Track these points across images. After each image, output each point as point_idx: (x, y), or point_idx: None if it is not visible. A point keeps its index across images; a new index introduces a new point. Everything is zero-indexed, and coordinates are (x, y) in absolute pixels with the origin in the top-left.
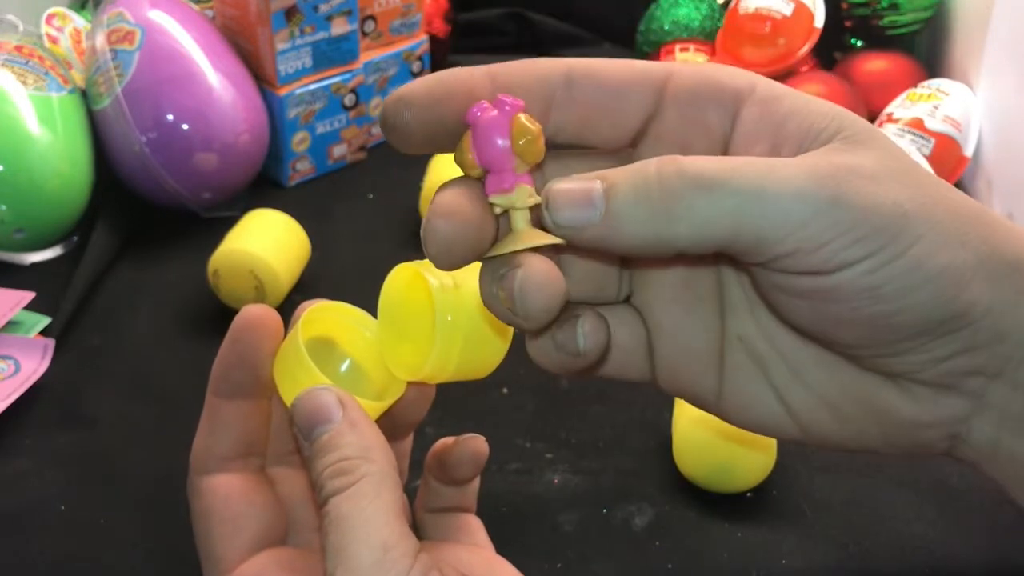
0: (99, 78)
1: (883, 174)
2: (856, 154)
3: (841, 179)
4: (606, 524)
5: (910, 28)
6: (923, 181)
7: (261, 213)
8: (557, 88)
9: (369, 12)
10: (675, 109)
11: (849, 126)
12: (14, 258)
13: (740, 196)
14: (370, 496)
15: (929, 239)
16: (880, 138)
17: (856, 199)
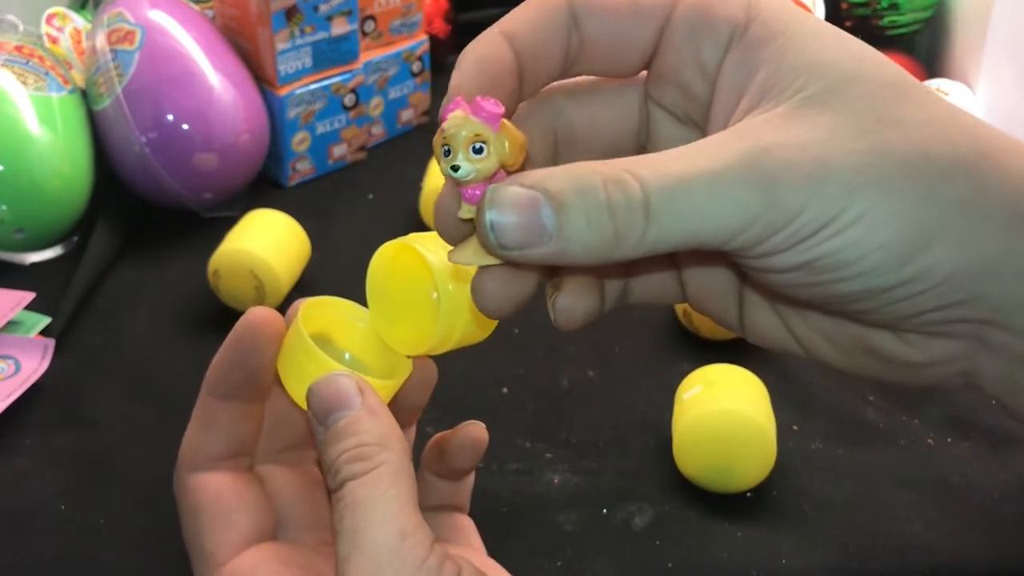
0: (99, 78)
1: (828, 144)
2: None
3: (775, 173)
4: (606, 524)
5: (910, 28)
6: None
7: (261, 213)
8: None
9: (369, 12)
10: (673, 44)
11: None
12: (14, 258)
13: (684, 219)
14: (388, 483)
15: (874, 214)
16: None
17: (789, 193)
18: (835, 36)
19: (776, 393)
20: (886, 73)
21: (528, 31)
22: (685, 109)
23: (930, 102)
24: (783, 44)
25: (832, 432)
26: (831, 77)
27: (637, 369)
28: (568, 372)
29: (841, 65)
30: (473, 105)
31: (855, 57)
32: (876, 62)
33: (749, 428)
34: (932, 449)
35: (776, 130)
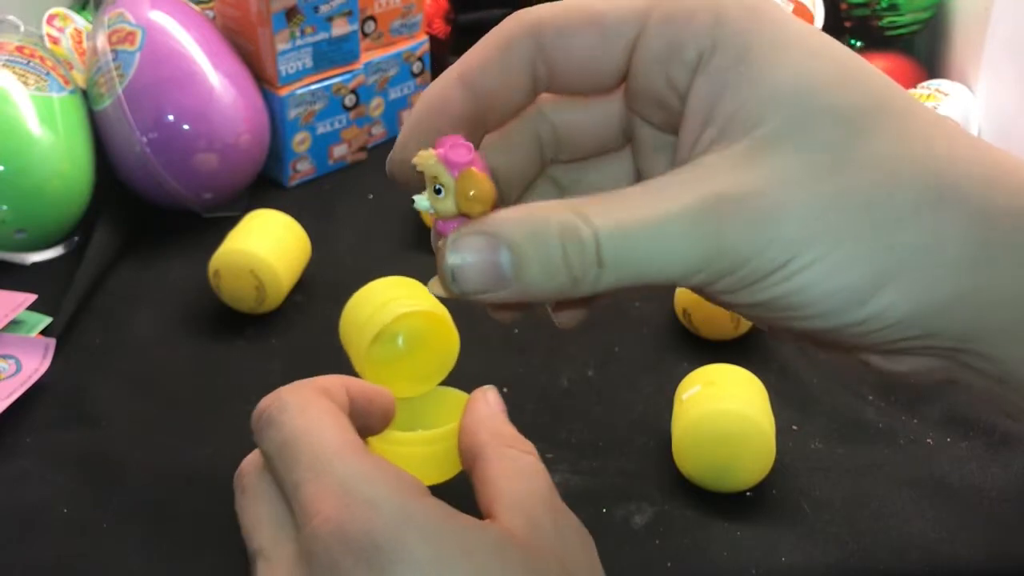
0: (100, 78)
1: (780, 190)
2: (757, 166)
3: (723, 223)
4: (606, 523)
5: (909, 29)
6: (841, 182)
7: (262, 213)
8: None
9: (369, 13)
10: (643, 66)
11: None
12: (15, 258)
13: (634, 266)
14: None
15: (825, 261)
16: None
17: (737, 243)
18: (803, 53)
19: (776, 393)
20: (856, 96)
21: (486, 71)
22: (663, 120)
23: (902, 129)
24: (745, 71)
25: (832, 432)
26: (789, 112)
27: (637, 369)
28: (568, 372)
29: (802, 95)
30: (445, 149)
31: (820, 82)
32: (845, 84)
33: (748, 428)
34: (932, 449)
35: (729, 174)
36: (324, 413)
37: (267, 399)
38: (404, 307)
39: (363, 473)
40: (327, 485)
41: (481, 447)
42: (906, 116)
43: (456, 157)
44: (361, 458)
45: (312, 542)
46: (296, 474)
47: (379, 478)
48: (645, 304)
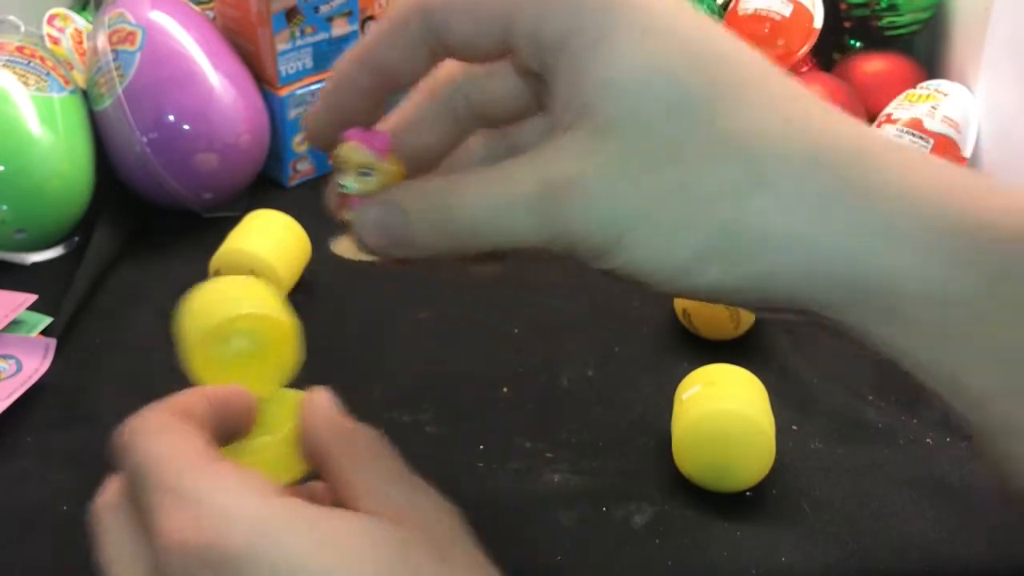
0: (100, 79)
1: (611, 176)
2: (583, 156)
3: (558, 208)
4: (606, 522)
5: (909, 29)
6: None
7: (262, 213)
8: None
9: (369, 13)
10: (519, 45)
11: (616, 101)
12: (15, 258)
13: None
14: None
15: (648, 244)
16: (645, 112)
17: (572, 225)
18: (653, 39)
19: (776, 393)
20: (693, 83)
21: (381, 49)
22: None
23: (734, 112)
24: (596, 56)
25: (831, 432)
26: (626, 101)
27: (637, 369)
28: (568, 372)
29: (640, 84)
30: (364, 136)
31: (662, 69)
32: (687, 70)
33: (748, 428)
34: (932, 449)
35: (570, 159)
36: (171, 433)
37: (124, 427)
38: (245, 308)
39: (214, 484)
40: (177, 502)
41: (325, 446)
42: (741, 99)
43: (380, 145)
44: (212, 469)
45: (165, 557)
46: (149, 497)
47: (231, 486)
48: (645, 304)
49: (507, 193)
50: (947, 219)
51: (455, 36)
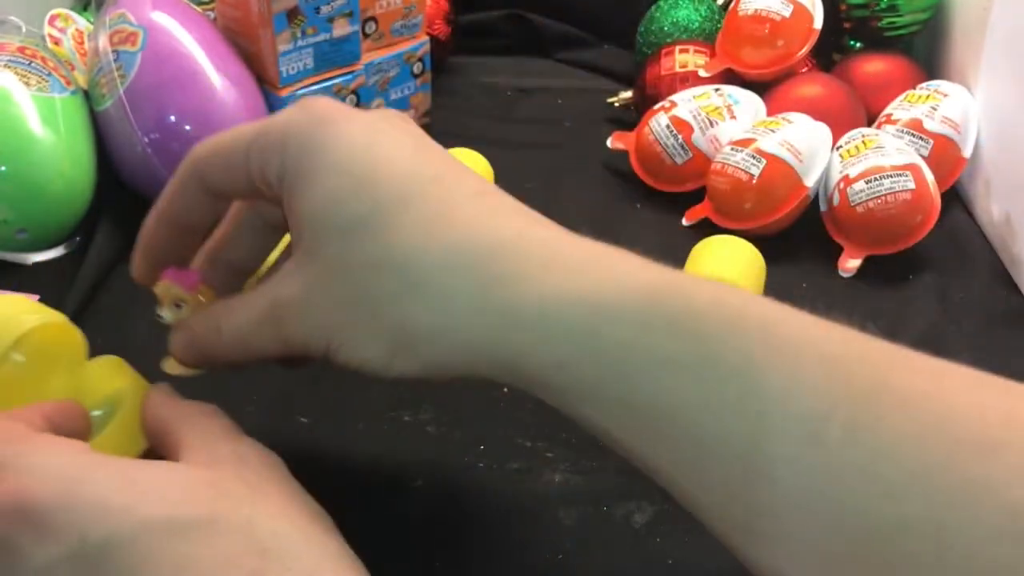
0: (101, 79)
1: (311, 294)
2: (295, 279)
3: (283, 325)
4: (606, 522)
5: (909, 30)
6: (339, 287)
7: None
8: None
9: (371, 14)
10: (259, 184)
11: (312, 232)
12: (17, 258)
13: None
14: None
15: (347, 345)
16: (325, 238)
17: (294, 336)
18: (333, 171)
19: None
20: (360, 205)
21: (173, 204)
22: None
23: (397, 225)
24: (300, 192)
25: None
26: (312, 229)
27: None
28: None
29: (319, 214)
30: (176, 275)
31: (335, 198)
32: (355, 194)
33: None
34: None
35: (286, 283)
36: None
37: None
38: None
39: (24, 448)
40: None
41: (164, 419)
42: (400, 214)
43: (190, 282)
44: (25, 438)
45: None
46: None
47: (40, 448)
48: None
49: (251, 314)
50: (557, 297)
51: (216, 184)
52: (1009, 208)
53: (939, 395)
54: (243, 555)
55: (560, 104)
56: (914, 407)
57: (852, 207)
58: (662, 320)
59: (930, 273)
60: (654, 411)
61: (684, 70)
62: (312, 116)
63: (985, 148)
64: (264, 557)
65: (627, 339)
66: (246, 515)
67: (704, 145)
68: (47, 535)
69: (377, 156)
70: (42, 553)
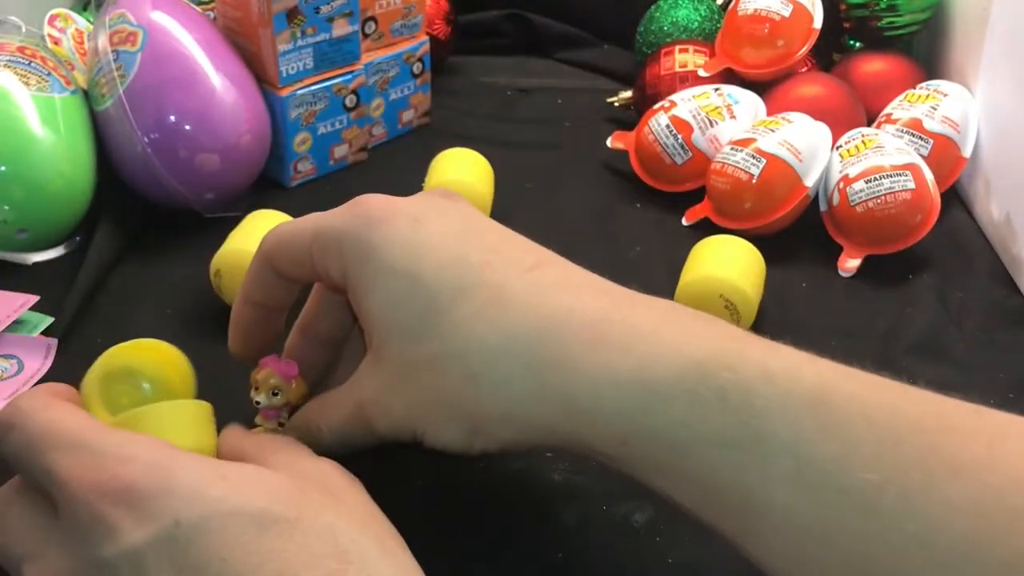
0: (101, 79)
1: (389, 392)
2: (371, 379)
3: (370, 422)
4: (607, 520)
5: (908, 29)
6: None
7: (263, 214)
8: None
9: (370, 13)
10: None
11: (376, 333)
12: (17, 258)
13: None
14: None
15: (430, 433)
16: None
17: (381, 431)
18: (391, 275)
19: None
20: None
21: (255, 288)
22: None
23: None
24: (364, 293)
25: None
26: (378, 331)
27: None
28: None
29: (382, 318)
30: (277, 365)
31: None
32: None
33: None
34: None
35: (363, 383)
36: (65, 405)
37: (1, 412)
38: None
39: (115, 440)
40: (78, 452)
41: (245, 448)
42: (454, 310)
43: (291, 371)
44: (111, 431)
45: (71, 505)
46: (48, 458)
47: (132, 441)
48: None
49: (342, 415)
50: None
51: (287, 272)
52: (1009, 208)
53: (992, 464)
54: (325, 556)
55: (560, 104)
56: (966, 476)
57: (852, 207)
58: (712, 397)
59: (930, 273)
60: (714, 485)
61: (684, 70)
62: (361, 218)
63: (985, 148)
64: (344, 560)
65: (679, 418)
66: (329, 520)
67: (704, 145)
68: (145, 517)
69: (423, 252)
70: (138, 534)
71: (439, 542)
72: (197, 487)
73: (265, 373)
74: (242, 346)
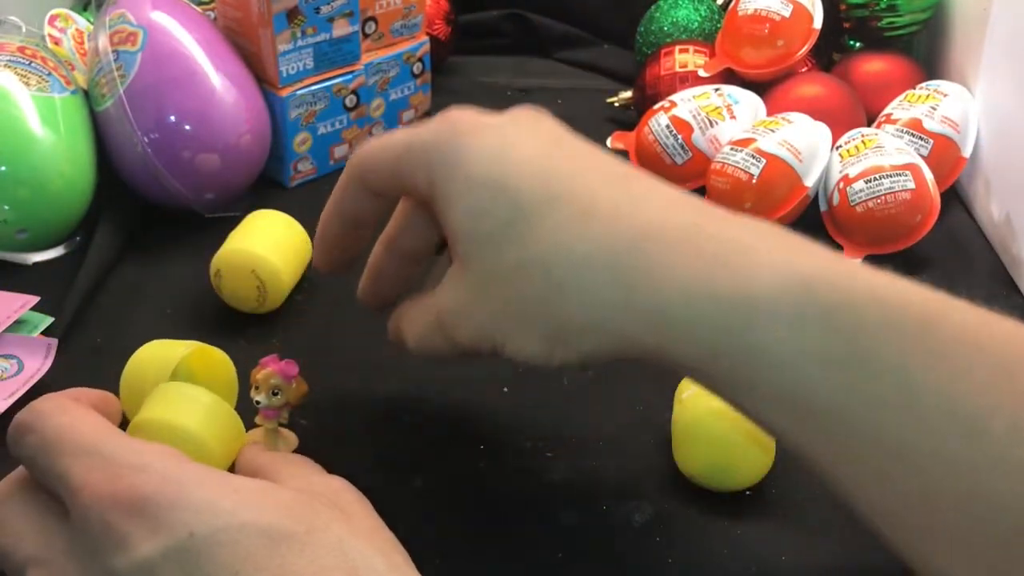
0: (101, 79)
1: (471, 301)
2: (454, 289)
3: (450, 329)
4: (606, 521)
5: (908, 30)
6: (502, 294)
7: (263, 214)
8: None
9: (370, 14)
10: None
11: (461, 243)
12: (17, 258)
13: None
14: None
15: (511, 343)
16: (473, 249)
17: (461, 339)
18: (474, 187)
19: None
20: (497, 218)
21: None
22: None
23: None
24: (449, 205)
25: None
26: (462, 243)
27: (637, 369)
28: (568, 372)
29: (466, 229)
30: (278, 366)
31: (476, 212)
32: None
33: (748, 427)
34: None
35: (447, 293)
36: (81, 409)
37: (20, 414)
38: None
39: (129, 448)
40: (93, 459)
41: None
42: (543, 217)
43: (292, 371)
44: (125, 438)
45: (83, 513)
46: (62, 462)
47: (145, 450)
48: None
49: (423, 325)
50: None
51: (375, 187)
52: (1009, 208)
53: None
54: (334, 570)
55: (560, 104)
56: None
57: (852, 207)
58: (817, 315)
59: (930, 273)
60: (808, 405)
61: (684, 70)
62: (449, 130)
63: (985, 148)
64: (353, 574)
65: (781, 335)
66: (338, 535)
67: (704, 145)
68: (158, 529)
69: (509, 163)
70: (150, 545)
71: (439, 542)
72: (211, 499)
73: (265, 373)
74: (327, 261)
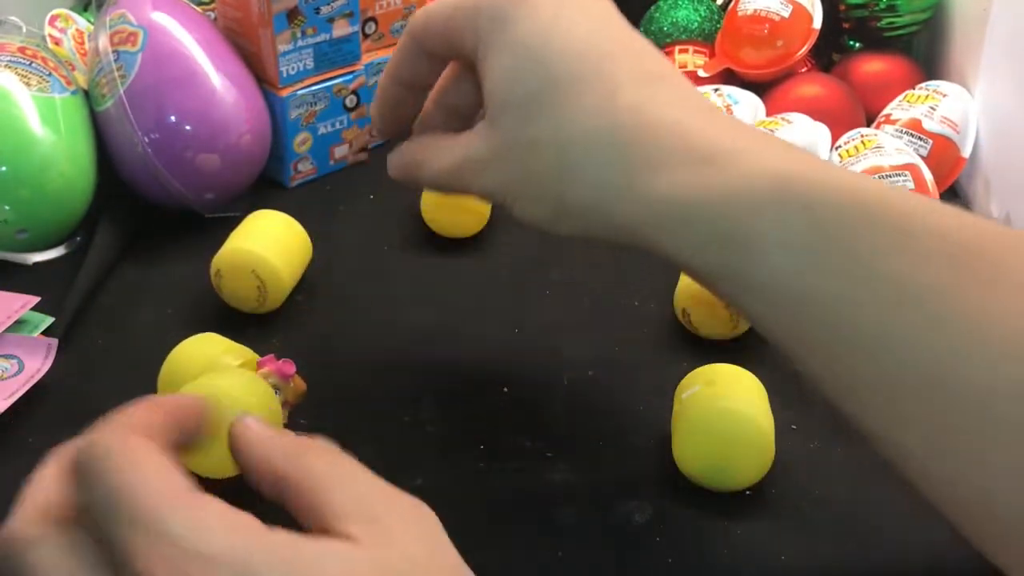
0: (102, 79)
1: (490, 160)
2: (480, 142)
3: (465, 172)
4: (606, 520)
5: (908, 30)
6: (514, 153)
7: (263, 214)
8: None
9: (371, 14)
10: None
11: (493, 103)
12: (17, 258)
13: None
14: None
15: (518, 206)
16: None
17: (474, 189)
18: (514, 53)
19: (775, 392)
20: (531, 85)
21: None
22: None
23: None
24: (490, 66)
25: (832, 432)
26: (495, 103)
27: (637, 369)
28: (568, 372)
29: (500, 91)
30: (276, 366)
31: (511, 77)
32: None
33: (748, 427)
34: None
35: (472, 143)
36: (148, 458)
37: (83, 445)
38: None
39: (194, 524)
40: (155, 540)
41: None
42: (569, 94)
43: (289, 370)
44: (191, 504)
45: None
46: (121, 533)
47: (212, 526)
48: (645, 304)
49: (446, 162)
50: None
51: (430, 48)
52: (1009, 208)
53: None
54: None
55: None
56: None
57: None
58: (797, 209)
59: None
60: (786, 292)
61: (684, 70)
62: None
63: (984, 148)
64: None
65: (763, 228)
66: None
67: None
68: None
69: (556, 33)
70: None
71: None
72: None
73: (263, 373)
74: (385, 123)
